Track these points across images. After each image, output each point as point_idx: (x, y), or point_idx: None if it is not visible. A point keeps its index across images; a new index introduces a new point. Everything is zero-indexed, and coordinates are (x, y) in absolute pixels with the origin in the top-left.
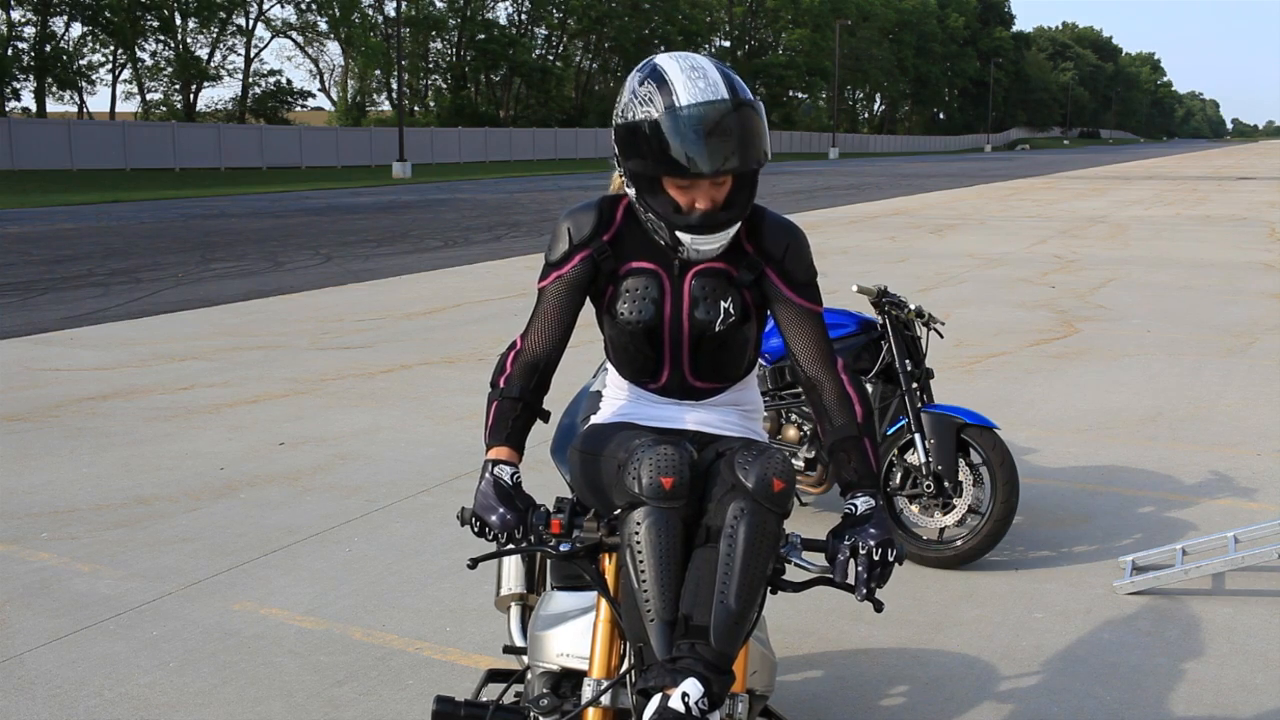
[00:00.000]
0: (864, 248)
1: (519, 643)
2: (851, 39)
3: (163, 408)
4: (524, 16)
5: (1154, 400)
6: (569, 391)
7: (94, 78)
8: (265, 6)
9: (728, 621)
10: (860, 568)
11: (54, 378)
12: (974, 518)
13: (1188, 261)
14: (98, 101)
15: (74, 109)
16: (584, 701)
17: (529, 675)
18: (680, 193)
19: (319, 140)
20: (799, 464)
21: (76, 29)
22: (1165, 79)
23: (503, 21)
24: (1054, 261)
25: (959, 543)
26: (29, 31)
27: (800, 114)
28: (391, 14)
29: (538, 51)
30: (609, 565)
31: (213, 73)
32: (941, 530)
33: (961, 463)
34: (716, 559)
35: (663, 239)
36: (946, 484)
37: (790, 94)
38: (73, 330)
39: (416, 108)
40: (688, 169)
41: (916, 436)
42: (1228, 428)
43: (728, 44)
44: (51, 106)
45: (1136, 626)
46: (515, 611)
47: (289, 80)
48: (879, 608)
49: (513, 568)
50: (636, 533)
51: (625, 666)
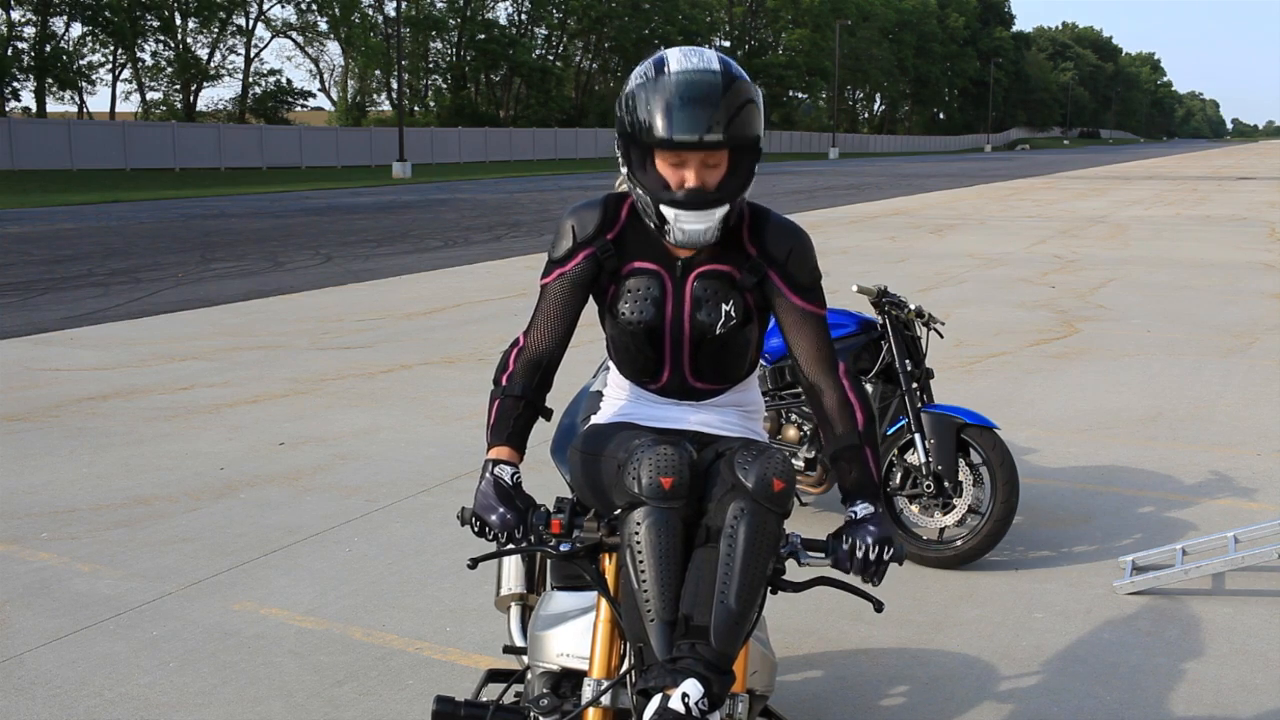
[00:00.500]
0: (864, 248)
1: (519, 643)
2: (851, 39)
3: (163, 408)
4: (524, 16)
5: (1154, 400)
6: (570, 391)
7: (94, 78)
8: (265, 6)
9: (728, 621)
10: (859, 568)
11: (54, 378)
12: (974, 518)
13: (1188, 261)
14: (98, 101)
15: (74, 109)
16: (584, 701)
17: (529, 675)
18: (671, 170)
19: (319, 140)
20: (799, 464)
21: (76, 29)
22: (1165, 79)
23: (503, 21)
24: (1054, 261)
25: (959, 543)
26: (29, 31)
27: (800, 114)
28: (391, 14)
29: (538, 51)
30: (609, 565)
31: (213, 73)
32: (941, 530)
33: (961, 463)
34: (716, 559)
35: (651, 220)
36: (946, 484)
37: (790, 94)
38: (73, 330)
39: (416, 108)
40: (667, 135)
41: (916, 436)
42: (1228, 428)
43: (728, 44)
44: (51, 106)
45: (1136, 626)
46: (515, 611)
47: (289, 80)
48: (879, 607)
49: (513, 568)
50: (636, 533)
51: (625, 667)
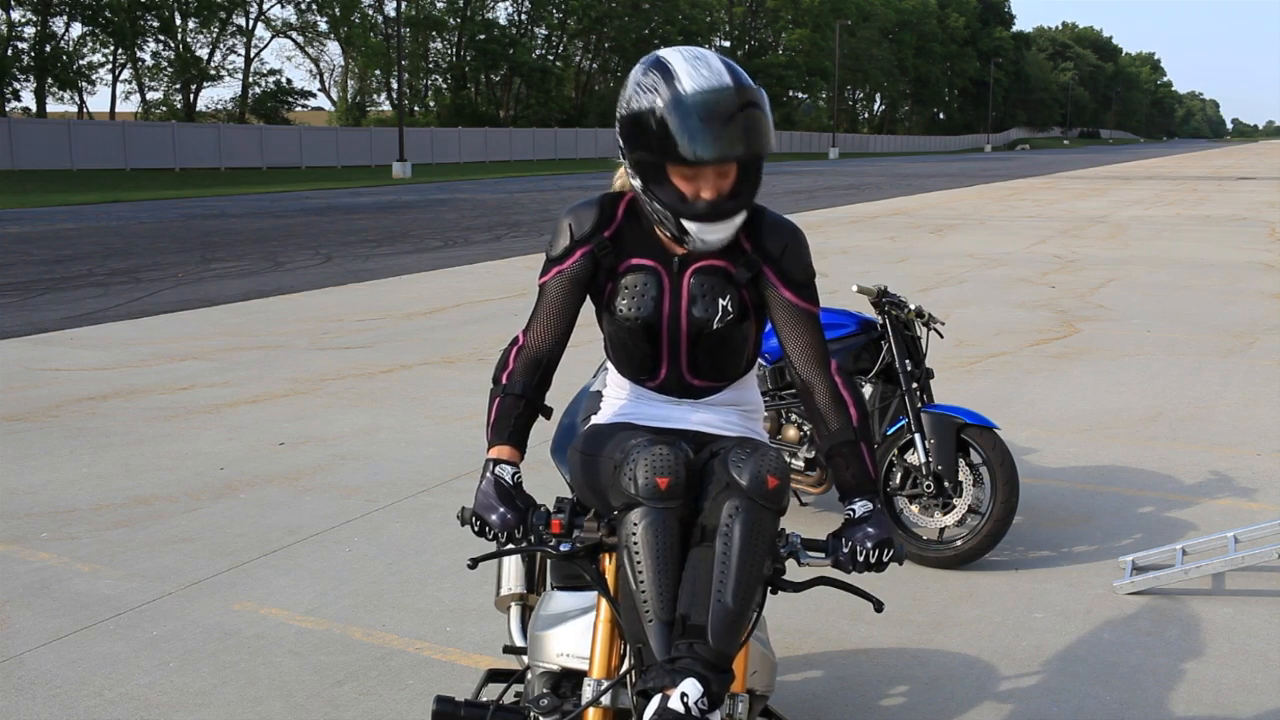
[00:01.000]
0: (864, 248)
1: (519, 643)
2: (851, 39)
3: (163, 408)
4: (524, 16)
5: (1154, 400)
6: (569, 391)
7: (94, 78)
8: (265, 6)
9: (726, 620)
10: (859, 569)
11: (54, 378)
12: (974, 518)
13: (1188, 261)
14: (98, 101)
15: (74, 109)
16: (584, 702)
17: (529, 675)
18: (685, 182)
19: (319, 140)
20: (799, 464)
21: (76, 29)
22: (1165, 79)
23: (503, 21)
24: (1054, 261)
25: (959, 543)
26: (29, 31)
27: (800, 114)
28: (391, 14)
29: (538, 51)
30: (609, 565)
31: (213, 73)
32: (941, 530)
33: (961, 463)
34: (713, 558)
35: (669, 230)
36: (946, 484)
37: (790, 94)
38: (73, 330)
39: (416, 108)
40: (693, 157)
41: (916, 436)
42: (1228, 428)
43: (728, 44)
44: (51, 106)
45: (1136, 626)
46: (515, 611)
47: (289, 80)
48: (879, 607)
49: (513, 568)
50: (633, 534)
51: (625, 667)
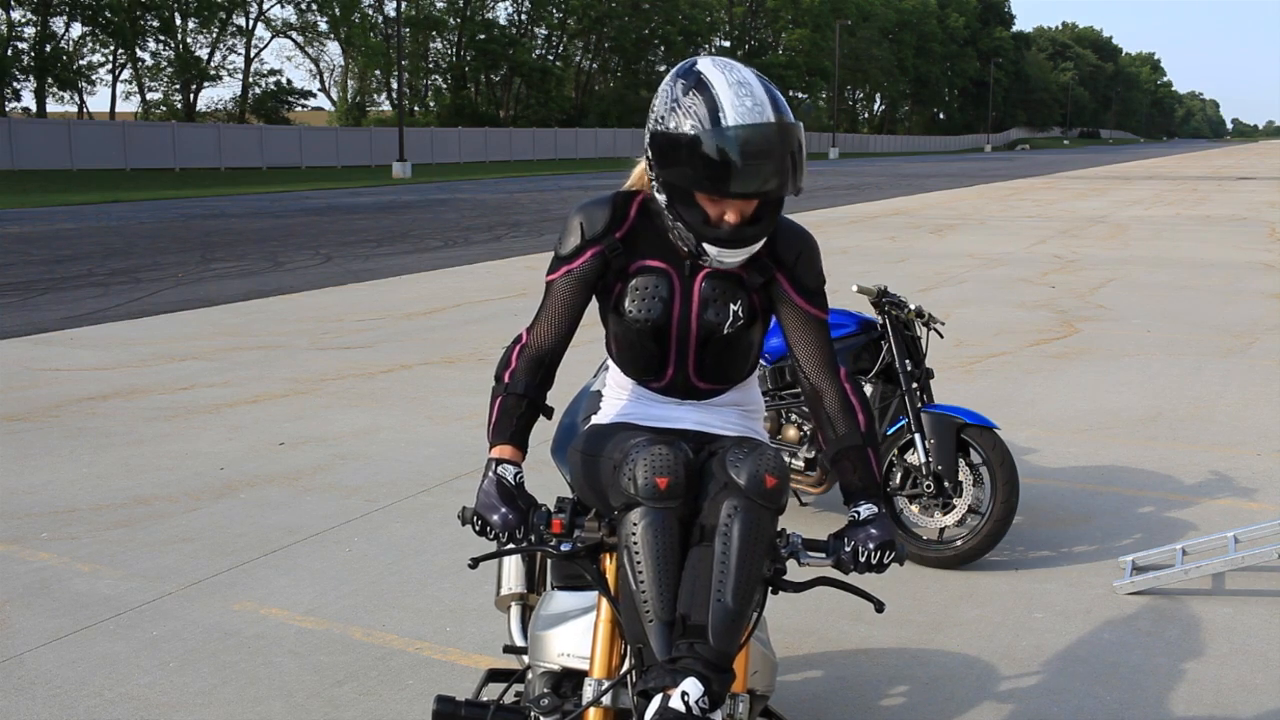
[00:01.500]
0: (864, 248)
1: (519, 643)
2: (851, 39)
3: (163, 408)
4: (524, 16)
5: (1154, 400)
6: (570, 391)
7: (94, 78)
8: (265, 6)
9: (726, 620)
10: (860, 571)
11: (54, 378)
12: (974, 518)
13: (1188, 261)
14: (98, 101)
15: (74, 109)
16: (585, 702)
17: (529, 675)
18: (711, 205)
19: (319, 140)
20: (799, 464)
21: (76, 29)
22: (1165, 79)
23: (503, 21)
24: (1054, 261)
25: (959, 543)
26: (29, 31)
27: (800, 114)
28: (391, 14)
29: (538, 51)
30: (610, 565)
31: (213, 73)
32: (941, 530)
33: (961, 463)
34: (712, 558)
35: (687, 246)
36: (946, 484)
37: (790, 94)
38: (73, 330)
39: (416, 108)
40: (727, 189)
41: (916, 436)
42: (1228, 428)
43: (728, 44)
44: (51, 106)
45: (1136, 626)
46: (515, 611)
47: (289, 80)
48: (879, 608)
49: (513, 568)
50: (633, 534)
51: (626, 667)
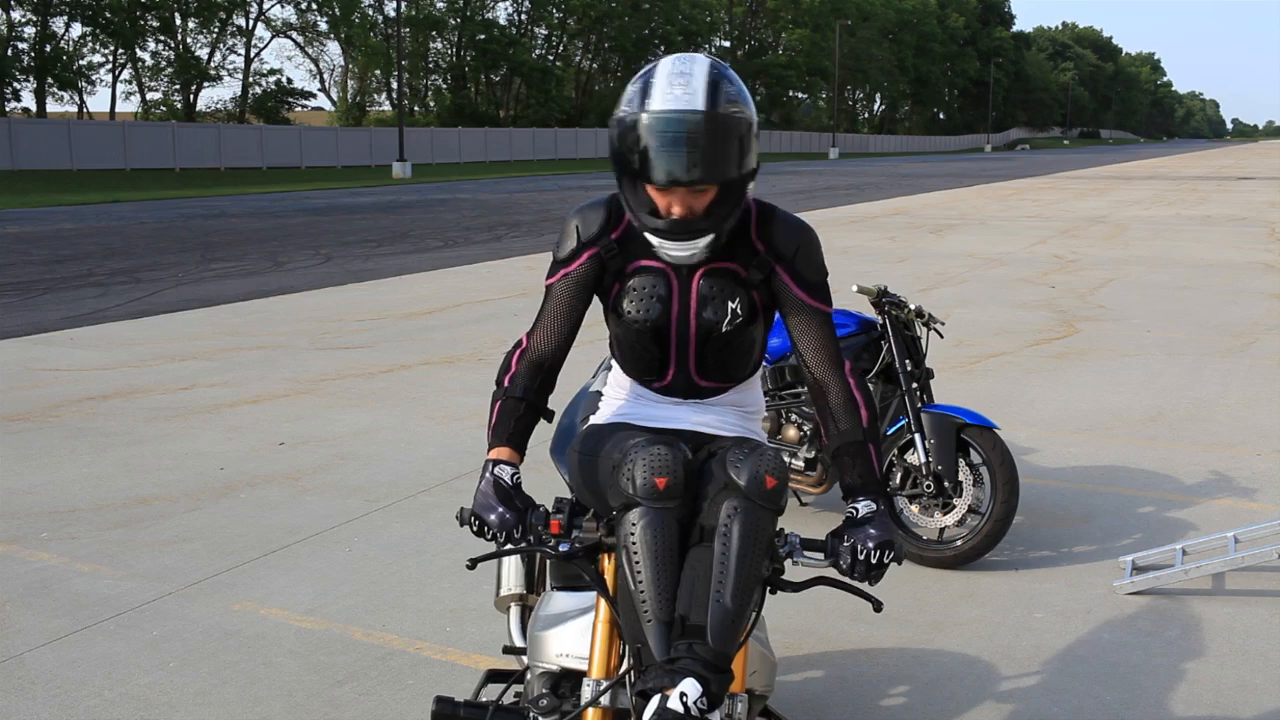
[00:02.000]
0: (864, 248)
1: (519, 643)
2: (851, 39)
3: (163, 408)
4: (524, 16)
5: (1154, 400)
6: (570, 391)
7: (94, 78)
8: (265, 6)
9: (725, 620)
10: (858, 569)
11: (54, 378)
12: (974, 518)
13: (1188, 261)
14: (98, 101)
15: (74, 109)
16: (584, 702)
17: (529, 675)
18: (658, 195)
19: (319, 140)
20: (799, 464)
21: (76, 29)
22: (1165, 79)
23: (503, 21)
24: (1054, 261)
25: (959, 543)
26: (29, 31)
27: (800, 114)
28: (391, 14)
29: (538, 51)
30: (608, 565)
31: (213, 73)
32: (941, 530)
33: (961, 463)
34: (711, 558)
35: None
36: (946, 484)
37: (790, 94)
38: (73, 330)
39: (416, 108)
40: (645, 177)
41: (916, 436)
42: (1228, 428)
43: (728, 44)
44: (51, 106)
45: (1136, 626)
46: (515, 612)
47: (289, 80)
48: (878, 607)
49: (512, 568)
50: (632, 534)
51: (625, 667)
